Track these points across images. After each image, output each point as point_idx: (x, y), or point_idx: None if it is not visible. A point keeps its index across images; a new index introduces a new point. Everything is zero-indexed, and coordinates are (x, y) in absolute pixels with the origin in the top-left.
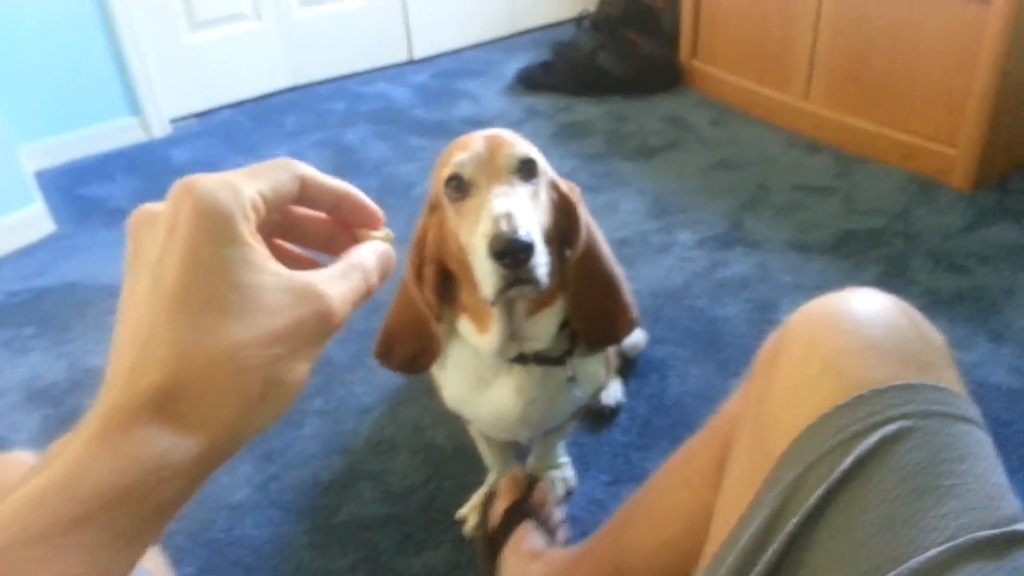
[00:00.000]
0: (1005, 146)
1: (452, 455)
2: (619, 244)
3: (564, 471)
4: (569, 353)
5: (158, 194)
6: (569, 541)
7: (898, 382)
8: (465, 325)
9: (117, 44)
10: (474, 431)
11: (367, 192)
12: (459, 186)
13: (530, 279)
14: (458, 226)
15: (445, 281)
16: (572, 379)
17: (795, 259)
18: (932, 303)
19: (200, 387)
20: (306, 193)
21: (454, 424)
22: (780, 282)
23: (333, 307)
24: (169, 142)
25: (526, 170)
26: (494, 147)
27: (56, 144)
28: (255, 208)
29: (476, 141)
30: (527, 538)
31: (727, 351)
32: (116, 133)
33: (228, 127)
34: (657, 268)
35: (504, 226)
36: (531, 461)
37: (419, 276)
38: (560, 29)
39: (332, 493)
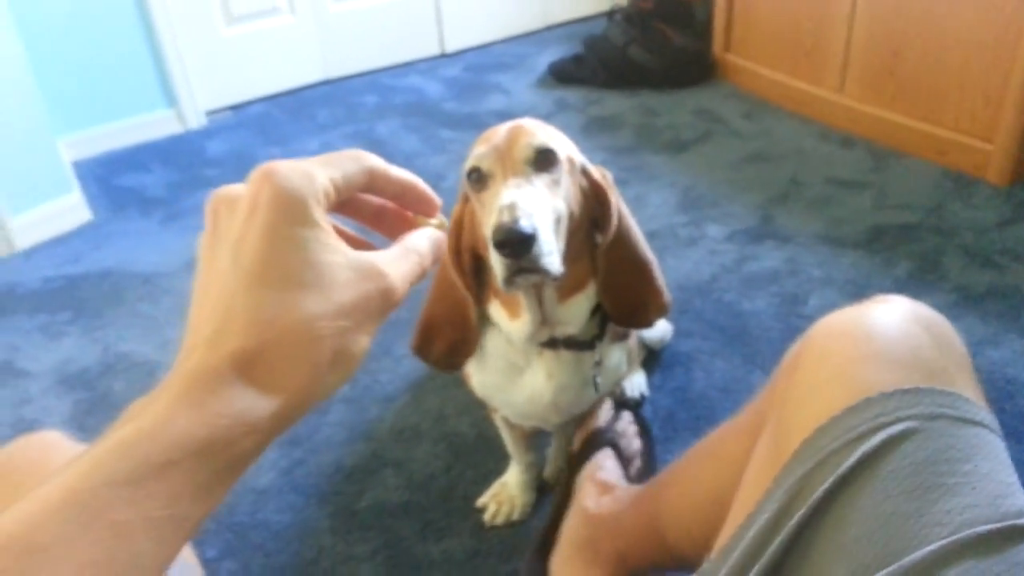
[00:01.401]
0: None
1: (474, 444)
2: (648, 237)
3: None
4: (599, 338)
5: (193, 184)
6: (646, 473)
7: (906, 386)
8: (497, 311)
9: (154, 37)
10: (498, 420)
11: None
12: (479, 178)
13: (535, 268)
14: (482, 215)
15: (479, 269)
16: (599, 364)
17: (826, 253)
18: (963, 299)
19: (277, 352)
20: (374, 184)
21: (477, 413)
22: (810, 276)
23: (394, 285)
24: (204, 134)
25: (544, 160)
26: (513, 138)
27: (93, 135)
28: (327, 194)
29: (499, 133)
30: (604, 465)
31: (754, 345)
32: (152, 125)
33: (261, 119)
34: (685, 261)
35: (506, 217)
36: (552, 452)
37: (458, 262)
38: (592, 23)
39: (355, 479)
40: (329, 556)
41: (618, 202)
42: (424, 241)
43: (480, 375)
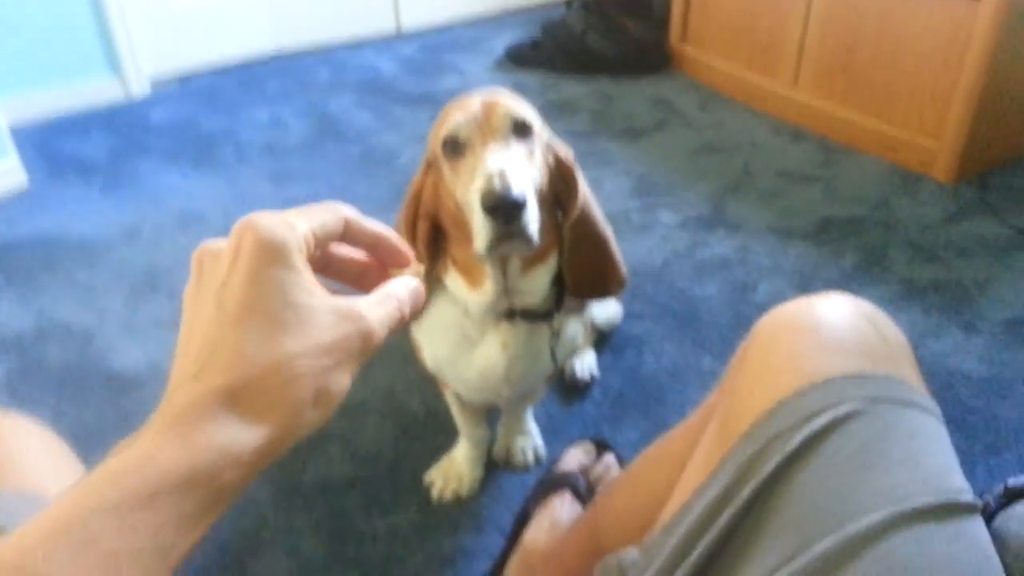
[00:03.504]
0: (988, 142)
1: (423, 421)
2: None
3: (534, 440)
4: (556, 309)
5: (135, 152)
6: None
7: (851, 372)
8: (455, 281)
9: (99, 1)
10: (449, 395)
11: (349, 159)
12: (455, 147)
13: (521, 235)
14: (454, 184)
15: (436, 238)
16: (556, 335)
17: (775, 243)
18: (907, 292)
19: (260, 388)
20: (349, 233)
21: (428, 391)
22: (759, 265)
23: (373, 327)
24: (148, 103)
25: (520, 130)
26: (489, 108)
27: (32, 99)
28: (307, 242)
29: (473, 103)
30: (554, 506)
31: (704, 330)
32: (95, 91)
33: (209, 90)
34: (638, 246)
35: (497, 183)
36: (501, 428)
37: (412, 232)
38: (550, 10)
39: (298, 453)
40: (270, 528)
41: (581, 180)
42: (402, 289)
43: (431, 348)
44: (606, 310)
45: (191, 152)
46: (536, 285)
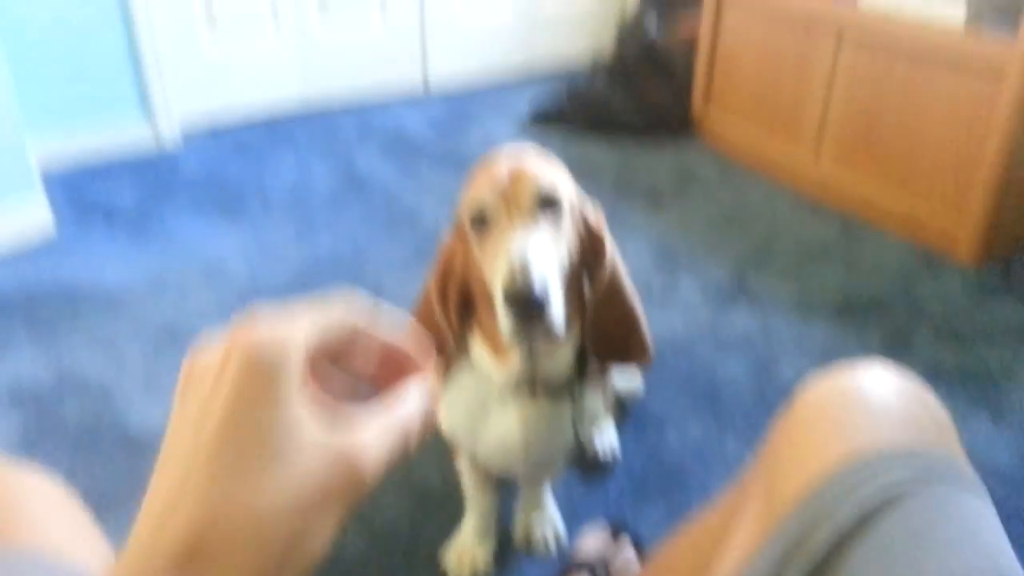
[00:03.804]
0: (1011, 224)
1: (442, 493)
2: None
3: (553, 521)
4: (580, 384)
5: (164, 201)
6: None
7: (903, 448)
8: (480, 349)
9: (135, 47)
10: (462, 463)
11: (373, 214)
12: (481, 221)
13: (545, 327)
14: (481, 258)
15: (465, 303)
16: (579, 409)
17: (798, 320)
18: (933, 375)
19: (221, 549)
20: (356, 341)
21: (447, 462)
22: (782, 341)
23: (365, 473)
24: (178, 151)
25: (549, 204)
26: (517, 179)
27: (65, 144)
28: (306, 349)
29: (500, 171)
30: None
31: (727, 408)
32: (126, 138)
33: (238, 142)
34: (659, 318)
35: (519, 277)
36: (519, 507)
37: (444, 297)
38: (575, 72)
39: None
40: None
41: (611, 248)
42: (413, 408)
43: (450, 413)
44: (628, 379)
45: (218, 202)
46: (559, 361)
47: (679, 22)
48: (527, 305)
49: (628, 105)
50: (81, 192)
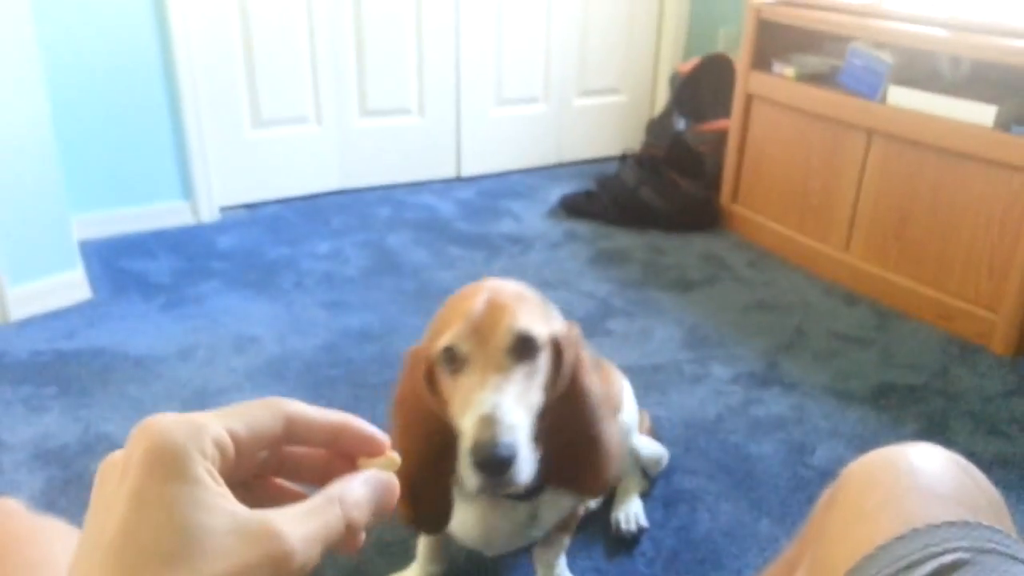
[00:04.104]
0: None
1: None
2: (652, 370)
3: None
4: (539, 489)
5: (199, 274)
6: None
7: (953, 519)
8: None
9: (180, 130)
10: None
11: (403, 293)
12: (453, 359)
13: (510, 483)
14: (452, 396)
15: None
16: (535, 517)
17: (833, 405)
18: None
19: None
20: (295, 430)
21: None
22: (817, 426)
23: (289, 548)
24: (216, 228)
25: (524, 348)
26: (494, 320)
27: (105, 217)
28: (219, 446)
29: (476, 307)
30: None
31: (760, 490)
32: (165, 214)
33: (275, 220)
34: (690, 398)
35: (487, 440)
36: None
37: (431, 386)
38: (604, 165)
39: None
40: None
41: (577, 359)
42: (357, 487)
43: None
44: (652, 447)
45: (252, 277)
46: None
47: (707, 118)
48: (494, 464)
49: (657, 196)
50: (119, 263)
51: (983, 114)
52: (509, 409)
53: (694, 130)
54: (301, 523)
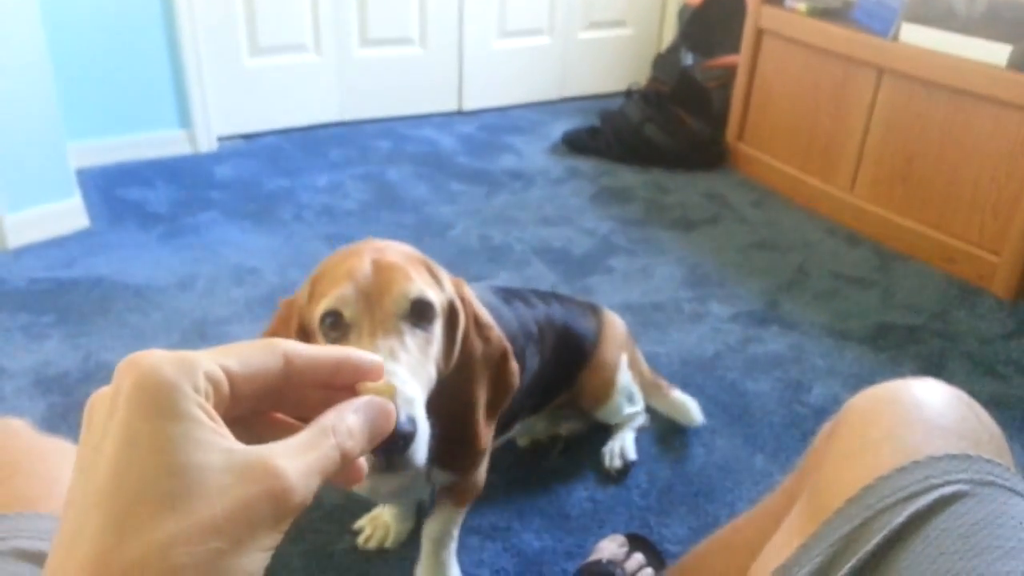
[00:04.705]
0: None
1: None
2: (652, 308)
3: None
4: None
5: (197, 204)
6: None
7: (955, 452)
8: None
9: (178, 58)
10: None
11: (403, 227)
12: (336, 325)
13: (405, 466)
14: None
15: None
16: (429, 479)
17: (831, 345)
18: None
19: None
20: (295, 370)
21: None
22: (814, 365)
23: (290, 484)
24: (214, 158)
25: (419, 313)
26: (384, 282)
27: (102, 145)
28: (214, 382)
29: (363, 267)
30: None
31: (756, 426)
32: (163, 143)
33: (273, 151)
34: (689, 335)
35: None
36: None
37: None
38: (609, 100)
39: (334, 518)
40: None
41: (468, 325)
42: (349, 415)
43: None
44: (690, 406)
45: (251, 209)
46: None
47: (715, 53)
48: (394, 446)
49: (662, 134)
50: (117, 192)
51: (997, 53)
52: (406, 379)
53: (702, 66)
54: (297, 457)
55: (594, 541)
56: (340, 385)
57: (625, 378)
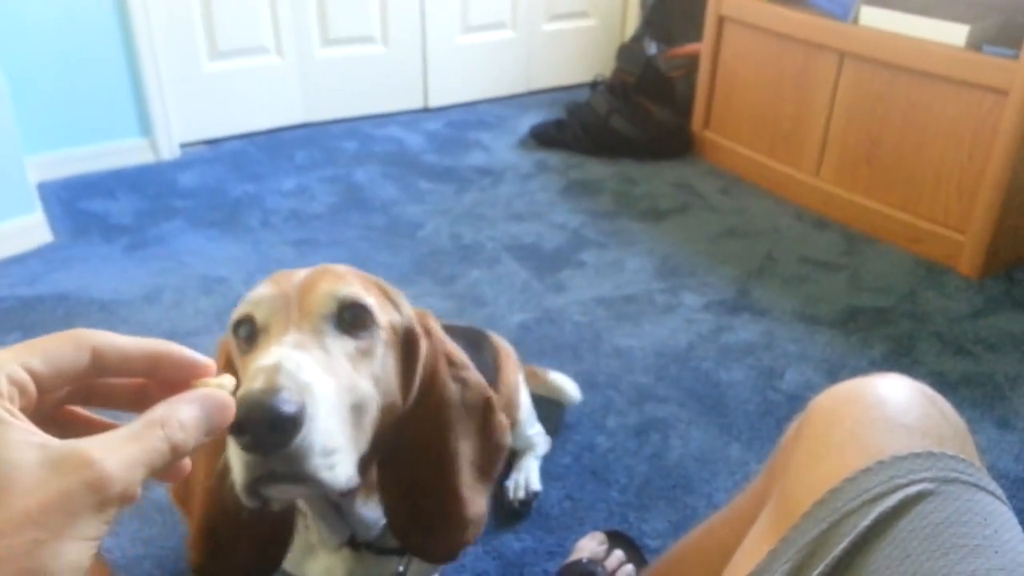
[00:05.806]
0: (1014, 236)
1: None
2: (624, 301)
3: None
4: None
5: (161, 214)
6: None
7: (919, 450)
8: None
9: (136, 64)
10: None
11: (372, 229)
12: (249, 334)
13: (296, 475)
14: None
15: None
16: (402, 575)
17: (801, 330)
18: (938, 385)
19: None
20: (105, 362)
21: None
22: (786, 351)
23: (105, 474)
24: (176, 165)
25: (352, 319)
26: (311, 283)
27: (62, 157)
28: (18, 384)
29: (295, 275)
30: None
31: (730, 416)
32: (124, 152)
33: (237, 156)
34: (662, 328)
35: (258, 383)
36: None
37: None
38: (575, 91)
39: None
40: None
41: (436, 361)
42: (183, 409)
43: None
44: (565, 381)
45: (217, 216)
46: (378, 516)
47: (678, 42)
48: (258, 423)
49: (628, 125)
50: (79, 205)
51: (955, 34)
52: (305, 365)
53: (665, 55)
54: (119, 448)
55: (574, 539)
56: (164, 381)
57: (526, 399)
